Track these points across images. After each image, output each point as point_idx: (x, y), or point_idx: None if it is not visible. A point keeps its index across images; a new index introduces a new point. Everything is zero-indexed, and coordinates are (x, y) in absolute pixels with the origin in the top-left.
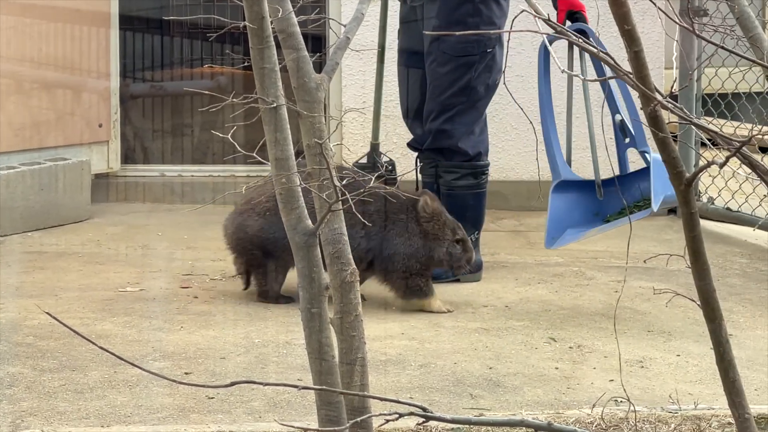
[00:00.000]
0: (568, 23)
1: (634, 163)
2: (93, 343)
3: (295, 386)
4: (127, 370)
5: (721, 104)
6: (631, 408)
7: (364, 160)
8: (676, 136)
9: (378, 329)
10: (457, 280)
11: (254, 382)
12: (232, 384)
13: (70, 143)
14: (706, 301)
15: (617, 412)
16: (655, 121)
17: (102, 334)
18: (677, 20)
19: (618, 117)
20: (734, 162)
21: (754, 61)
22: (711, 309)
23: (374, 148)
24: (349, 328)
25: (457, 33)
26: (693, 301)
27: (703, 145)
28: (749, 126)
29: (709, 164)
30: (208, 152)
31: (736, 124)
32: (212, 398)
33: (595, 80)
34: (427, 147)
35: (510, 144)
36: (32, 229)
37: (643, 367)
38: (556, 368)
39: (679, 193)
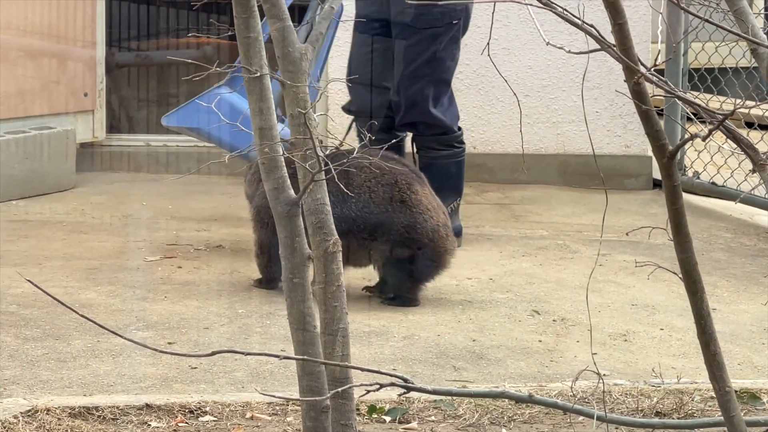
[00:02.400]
0: None
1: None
2: (76, 312)
3: (277, 356)
4: (111, 340)
5: (708, 79)
6: (605, 381)
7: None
8: (661, 111)
9: (361, 300)
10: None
11: (236, 352)
12: (214, 353)
13: (56, 112)
14: (687, 273)
15: (599, 385)
16: (638, 95)
17: (85, 303)
18: None
19: None
20: (720, 137)
21: (739, 35)
22: (692, 281)
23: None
24: (331, 299)
25: (440, 2)
26: (675, 274)
27: (690, 119)
28: (735, 101)
29: (692, 137)
30: None
31: (722, 98)
32: (195, 368)
33: (581, 53)
34: (401, 122)
35: (495, 117)
36: (17, 198)
37: (626, 340)
38: (540, 341)
39: (662, 166)
